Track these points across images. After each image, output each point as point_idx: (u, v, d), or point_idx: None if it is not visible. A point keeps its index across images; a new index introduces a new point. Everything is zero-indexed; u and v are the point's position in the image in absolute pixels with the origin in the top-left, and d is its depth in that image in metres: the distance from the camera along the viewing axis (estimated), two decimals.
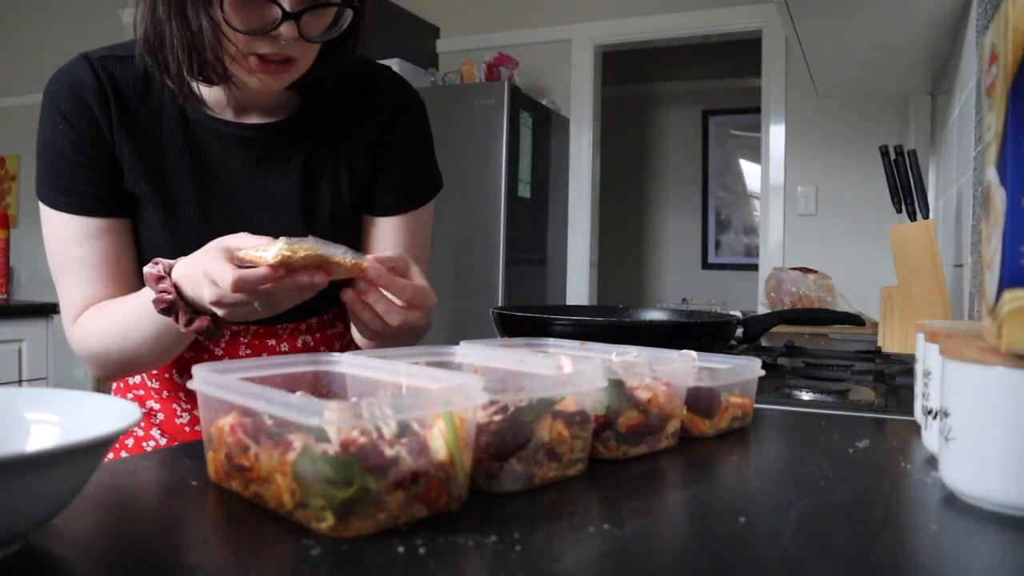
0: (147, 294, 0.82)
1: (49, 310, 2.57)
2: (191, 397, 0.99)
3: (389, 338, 0.92)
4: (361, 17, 0.90)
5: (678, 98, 5.54)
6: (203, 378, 0.55)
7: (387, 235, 1.02)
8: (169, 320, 0.80)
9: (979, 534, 0.48)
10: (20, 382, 2.51)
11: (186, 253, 0.79)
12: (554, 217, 3.92)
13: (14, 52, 4.72)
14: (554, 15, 4.01)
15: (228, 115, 0.94)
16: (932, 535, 0.48)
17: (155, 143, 0.91)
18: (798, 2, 1.65)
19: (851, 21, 1.78)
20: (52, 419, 0.50)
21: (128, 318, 0.86)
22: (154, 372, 1.00)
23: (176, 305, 0.78)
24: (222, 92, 0.90)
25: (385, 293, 0.78)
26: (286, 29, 0.80)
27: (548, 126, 3.80)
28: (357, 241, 1.03)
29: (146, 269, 0.79)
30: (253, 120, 0.95)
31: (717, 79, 5.36)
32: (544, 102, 3.79)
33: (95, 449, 0.40)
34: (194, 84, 0.88)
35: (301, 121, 0.97)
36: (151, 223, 0.92)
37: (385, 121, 1.01)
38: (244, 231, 0.77)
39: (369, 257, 0.75)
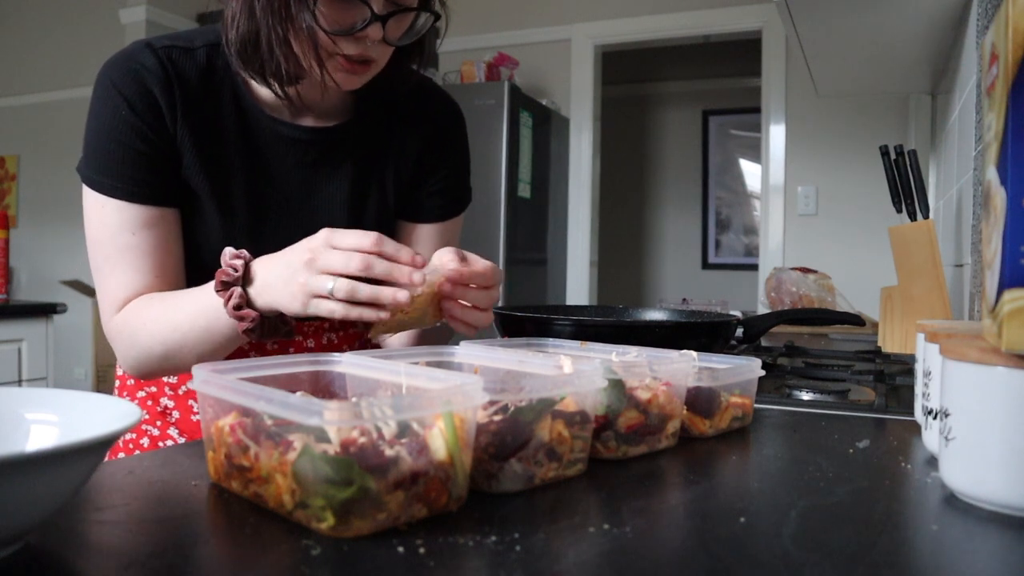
0: (208, 288, 0.82)
1: (49, 310, 2.57)
2: None
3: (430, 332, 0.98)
4: (430, 33, 0.92)
5: (678, 98, 5.54)
6: (203, 378, 0.55)
7: (423, 241, 1.06)
8: (223, 318, 0.80)
9: (979, 534, 0.48)
10: (20, 382, 2.51)
11: (236, 247, 0.81)
12: (554, 217, 3.92)
13: (14, 52, 4.72)
14: (554, 15, 4.01)
15: (284, 116, 0.95)
16: (932, 535, 0.48)
17: (215, 137, 0.91)
18: (798, 2, 1.65)
19: (851, 21, 1.78)
20: (52, 419, 0.50)
21: (182, 307, 0.85)
22: None
23: (236, 283, 0.78)
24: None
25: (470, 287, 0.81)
26: (373, 31, 0.82)
27: (548, 126, 3.80)
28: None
29: (227, 249, 0.80)
30: (308, 123, 0.96)
31: (717, 79, 5.36)
32: (544, 102, 3.79)
33: (95, 449, 0.40)
34: (272, 83, 0.88)
35: (355, 127, 0.99)
36: (203, 216, 0.92)
37: (434, 132, 1.05)
38: (293, 231, 0.79)
39: (444, 270, 0.78)
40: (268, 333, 0.81)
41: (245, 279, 0.79)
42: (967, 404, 0.51)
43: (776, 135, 3.62)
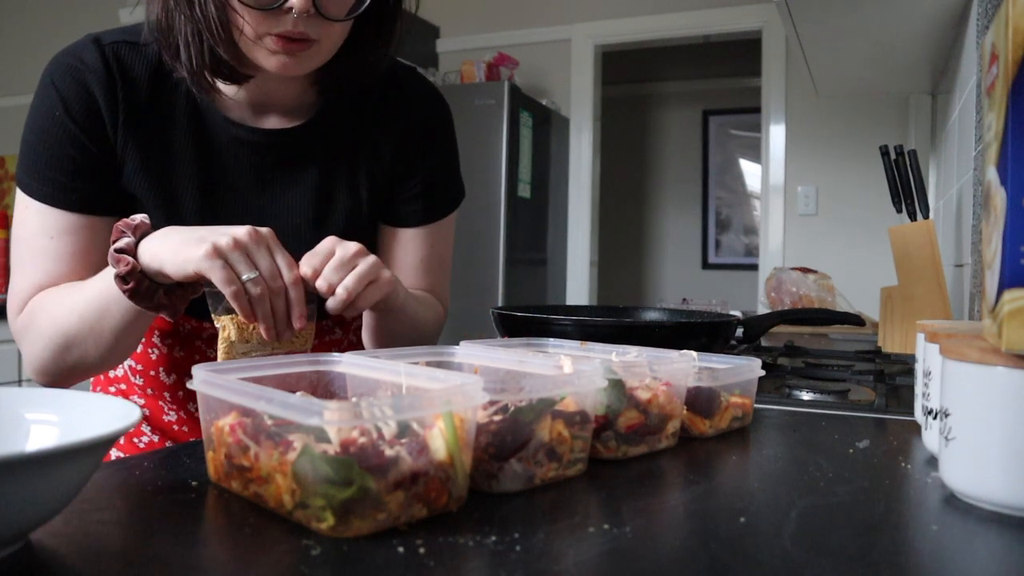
0: (109, 272, 0.75)
1: None
2: (176, 398, 0.96)
3: (394, 337, 0.91)
4: (395, 13, 0.85)
5: (678, 98, 5.54)
6: (203, 378, 0.55)
7: (405, 246, 0.99)
8: (115, 287, 0.73)
9: (979, 534, 0.48)
10: (20, 382, 2.51)
11: None
12: (554, 217, 3.92)
13: (14, 52, 4.72)
14: (554, 15, 4.01)
15: (245, 116, 0.89)
16: (932, 535, 0.48)
17: (164, 141, 0.85)
18: (798, 2, 1.65)
19: (851, 21, 1.78)
20: (52, 419, 0.50)
21: (82, 289, 0.79)
22: (138, 368, 0.96)
23: (128, 233, 0.72)
24: (242, 88, 0.86)
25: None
26: (298, 1, 0.74)
27: (548, 126, 3.80)
28: (373, 249, 0.99)
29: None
30: (271, 123, 0.90)
31: (717, 79, 5.36)
32: (544, 102, 3.79)
33: (95, 449, 0.40)
34: (209, 77, 0.82)
35: (320, 125, 0.92)
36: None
37: (410, 128, 0.97)
38: None
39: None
40: (144, 294, 0.72)
41: (144, 234, 0.73)
42: (967, 404, 0.51)
43: (776, 135, 3.62)
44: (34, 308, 0.83)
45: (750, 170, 5.36)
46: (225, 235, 0.70)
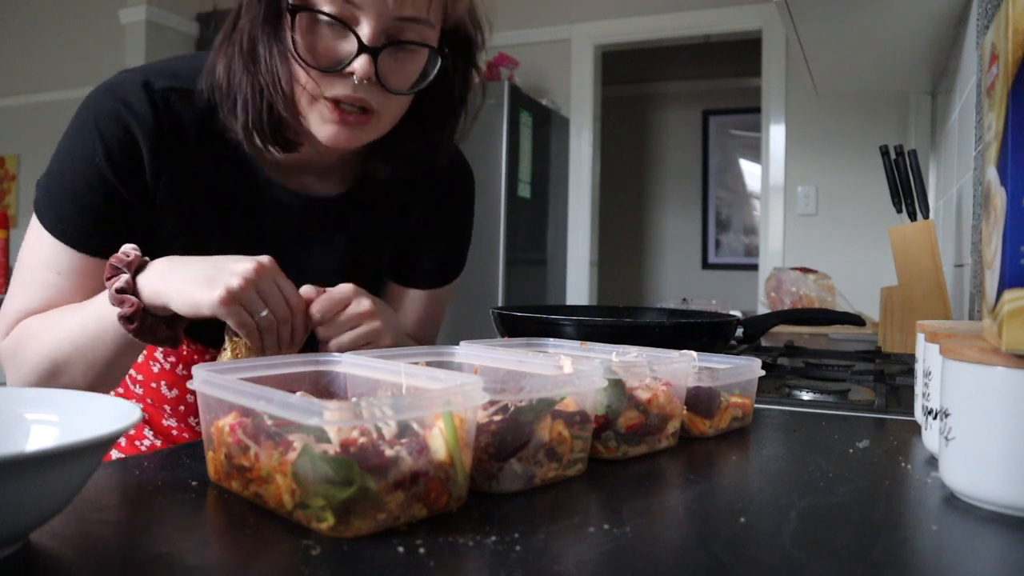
0: (103, 294, 0.75)
1: None
2: (177, 412, 0.97)
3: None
4: (462, 98, 0.84)
5: (678, 98, 5.54)
6: (203, 378, 0.55)
7: (407, 305, 1.01)
8: (111, 316, 0.73)
9: (979, 534, 0.48)
10: None
11: None
12: (554, 217, 3.92)
13: (14, 52, 4.72)
14: (554, 15, 4.01)
15: (284, 173, 0.87)
16: (932, 535, 0.48)
17: (200, 190, 0.83)
18: (798, 2, 1.65)
19: (851, 21, 1.78)
20: (52, 419, 0.50)
21: (75, 313, 0.77)
22: (138, 379, 0.96)
23: (126, 269, 0.71)
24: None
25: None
26: (361, 66, 0.72)
27: (548, 126, 3.80)
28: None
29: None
30: (309, 182, 0.88)
31: (717, 79, 5.36)
32: (544, 102, 3.79)
33: (95, 449, 0.40)
34: (259, 139, 0.79)
35: (359, 193, 0.92)
36: None
37: (441, 199, 0.98)
38: None
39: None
40: (148, 331, 0.72)
41: (139, 268, 0.73)
42: (967, 404, 0.51)
43: (776, 135, 3.62)
44: (21, 333, 0.81)
45: (750, 170, 5.36)
46: (235, 275, 0.70)
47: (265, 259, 0.73)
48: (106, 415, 0.47)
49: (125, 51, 3.99)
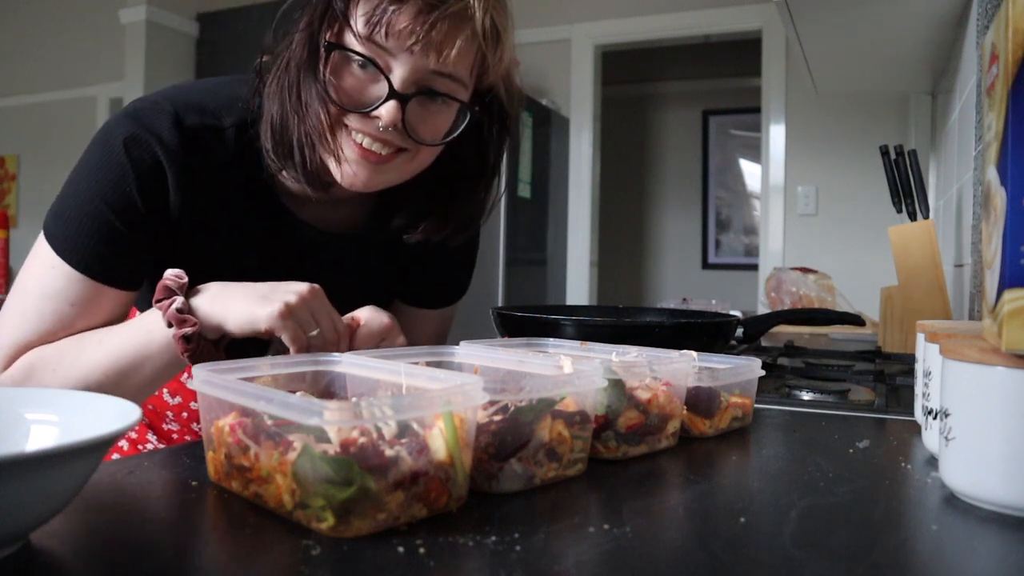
0: (140, 316, 0.76)
1: None
2: (179, 418, 0.97)
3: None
4: (495, 168, 0.85)
5: (678, 98, 5.54)
6: (203, 378, 0.55)
7: (410, 322, 1.02)
8: (157, 339, 0.73)
9: (979, 534, 0.48)
10: None
11: None
12: (554, 217, 3.92)
13: (14, 52, 4.72)
14: (554, 15, 4.01)
15: (303, 208, 0.88)
16: (932, 535, 0.48)
17: (222, 222, 0.84)
18: (798, 2, 1.65)
19: (851, 21, 1.78)
20: (52, 419, 0.50)
21: (105, 342, 0.76)
22: None
23: (178, 292, 0.72)
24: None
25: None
26: (388, 110, 0.73)
27: (548, 126, 3.80)
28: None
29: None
30: (328, 216, 0.90)
31: (717, 79, 5.36)
32: (544, 102, 3.79)
33: (95, 449, 0.40)
34: (307, 183, 0.80)
35: (372, 231, 0.94)
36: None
37: (454, 229, 0.99)
38: None
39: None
40: (201, 352, 0.72)
41: (190, 291, 0.74)
42: (967, 404, 0.51)
43: (776, 135, 3.62)
44: (32, 364, 0.78)
45: (750, 170, 5.36)
46: (291, 293, 0.72)
47: (316, 286, 0.75)
48: (106, 415, 0.47)
49: (125, 51, 3.99)
